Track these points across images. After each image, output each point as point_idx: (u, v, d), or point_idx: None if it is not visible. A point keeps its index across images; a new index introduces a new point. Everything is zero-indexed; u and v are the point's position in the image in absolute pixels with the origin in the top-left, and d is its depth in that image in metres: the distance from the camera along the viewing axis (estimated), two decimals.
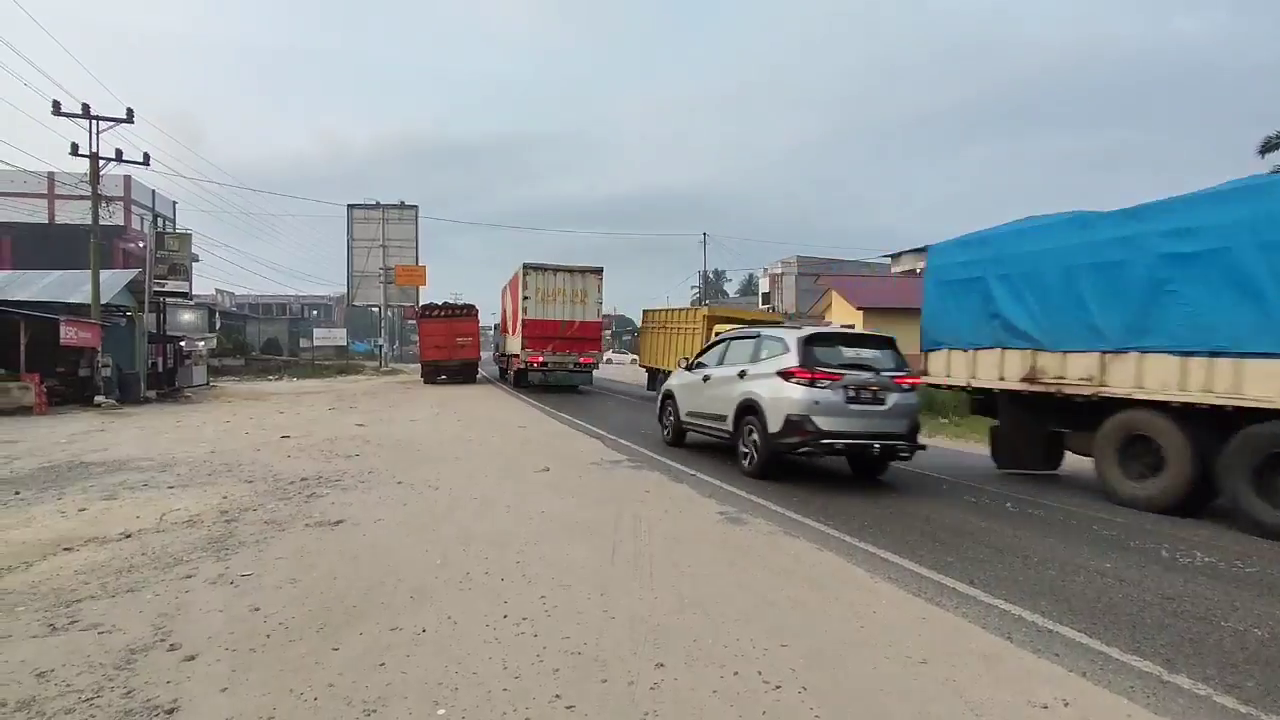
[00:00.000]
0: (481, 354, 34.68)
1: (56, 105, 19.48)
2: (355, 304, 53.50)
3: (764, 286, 49.63)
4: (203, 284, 44.53)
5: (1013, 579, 4.95)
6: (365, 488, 7.71)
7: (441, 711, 2.94)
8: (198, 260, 31.97)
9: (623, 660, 3.43)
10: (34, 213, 34.96)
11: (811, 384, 7.91)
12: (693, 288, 73.38)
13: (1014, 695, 3.19)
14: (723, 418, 9.42)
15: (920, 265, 35.44)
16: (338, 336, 62.16)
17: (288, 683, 3.17)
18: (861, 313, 27.73)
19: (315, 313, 79.28)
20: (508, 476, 8.48)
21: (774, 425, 8.16)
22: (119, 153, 20.71)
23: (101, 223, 21.08)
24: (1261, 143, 25.30)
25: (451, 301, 34.16)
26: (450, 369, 29.07)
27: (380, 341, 51.76)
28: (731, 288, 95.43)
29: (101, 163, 20.35)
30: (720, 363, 10.03)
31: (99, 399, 18.41)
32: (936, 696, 3.17)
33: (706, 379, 10.11)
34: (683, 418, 10.94)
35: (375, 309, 52.29)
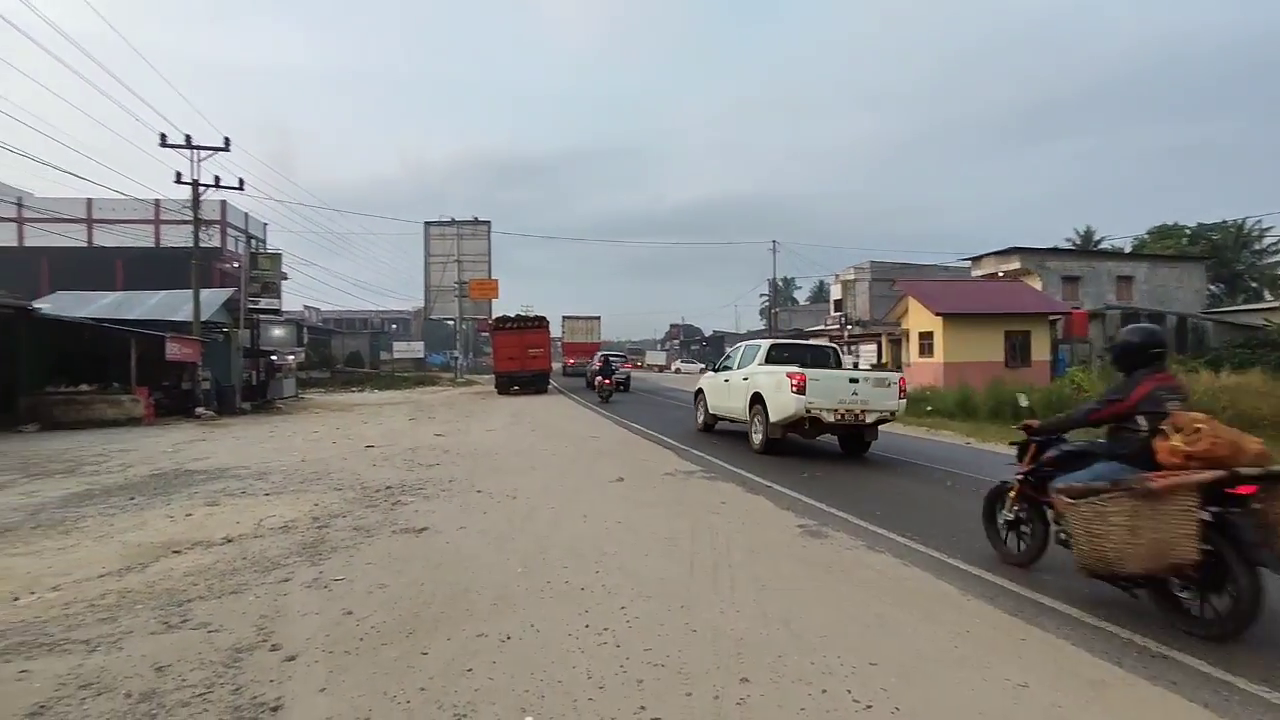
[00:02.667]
0: (553, 365, 35.28)
1: (163, 138, 21.01)
2: (432, 318, 55.37)
3: (835, 294, 48.53)
4: (291, 300, 47.06)
5: (1120, 600, 4.64)
6: (446, 496, 7.91)
7: (529, 718, 2.97)
8: (287, 279, 33.73)
9: (707, 674, 3.39)
10: (142, 237, 37.75)
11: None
12: (761, 296, 72.61)
13: None
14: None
15: (1003, 268, 34.03)
16: (416, 349, 64.44)
17: (381, 685, 3.27)
18: (941, 319, 26.60)
19: (394, 326, 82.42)
20: (583, 486, 8.55)
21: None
22: (217, 179, 22.15)
23: (201, 245, 22.55)
24: None
25: (523, 314, 34.91)
26: (523, 380, 29.65)
27: (455, 354, 53.29)
28: (801, 295, 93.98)
29: (201, 189, 21.79)
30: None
31: (199, 410, 19.62)
32: None
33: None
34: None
35: (450, 322, 53.92)
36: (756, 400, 11.66)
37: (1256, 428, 12.48)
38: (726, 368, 13.70)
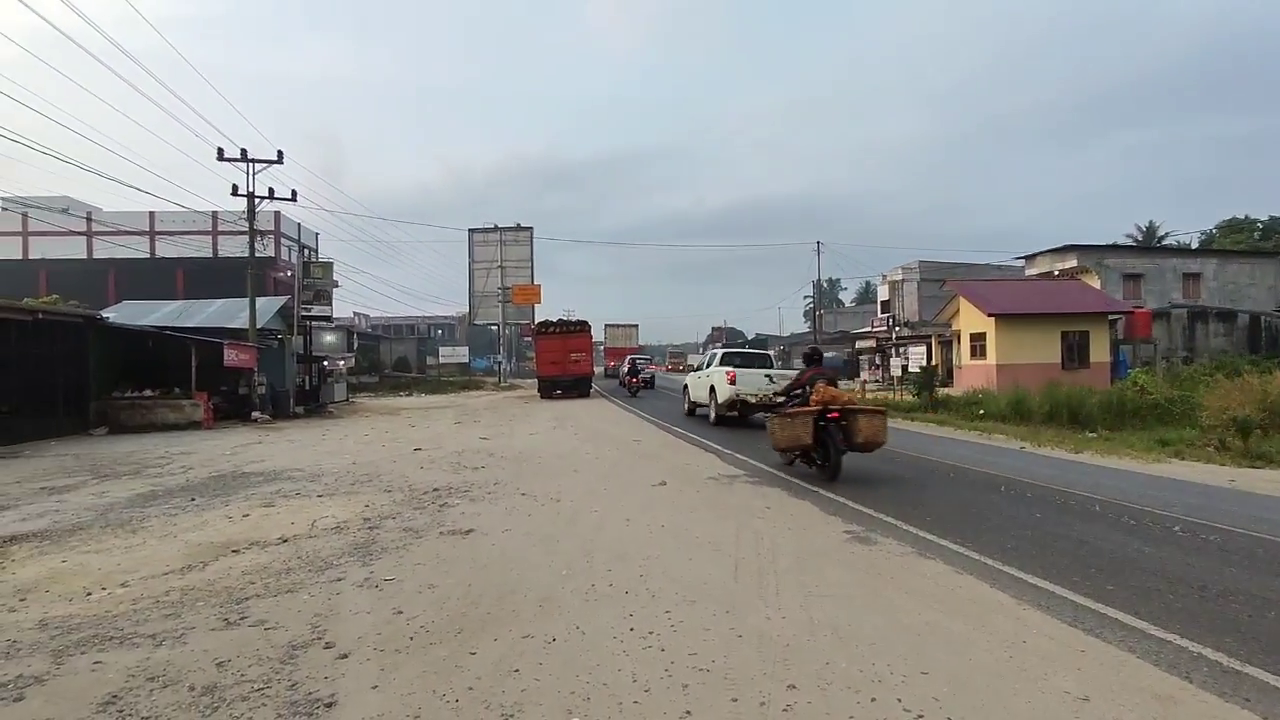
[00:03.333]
0: (594, 369, 35.48)
1: (220, 152, 21.83)
2: (476, 323, 56.18)
3: (882, 294, 47.63)
4: (341, 307, 48.35)
5: (1188, 611, 4.44)
6: (492, 499, 8.02)
7: None
8: (338, 286, 34.67)
9: (752, 680, 3.35)
10: (201, 248, 39.27)
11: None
12: (805, 297, 71.83)
13: None
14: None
15: (1059, 267, 32.91)
16: (460, 354, 65.53)
17: (431, 684, 3.32)
18: (994, 319, 25.78)
19: (440, 332, 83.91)
20: (626, 490, 8.57)
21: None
22: (271, 191, 22.92)
23: (256, 255, 23.33)
24: None
25: (565, 318, 35.17)
26: (565, 384, 29.88)
27: (499, 358, 54.01)
28: (847, 296, 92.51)
29: (256, 201, 22.56)
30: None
31: (255, 414, 20.28)
32: None
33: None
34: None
35: (494, 327, 54.66)
36: (712, 390, 17.06)
37: None
38: (702, 368, 19.05)
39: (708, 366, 18.30)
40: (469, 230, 49.89)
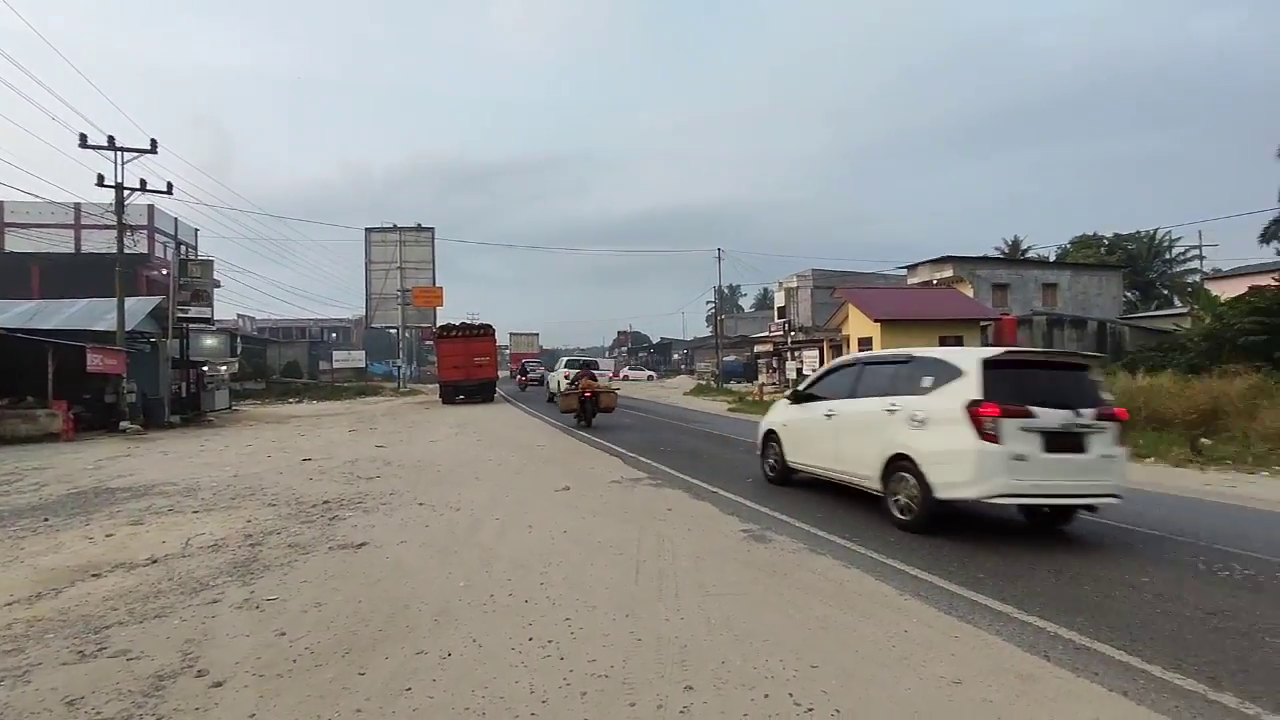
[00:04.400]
0: (499, 373, 34.89)
1: (83, 138, 19.97)
2: (373, 326, 54.10)
3: (779, 300, 49.35)
4: (224, 309, 45.19)
5: (1046, 594, 4.84)
6: (387, 510, 7.72)
7: None
8: (219, 286, 32.44)
9: (650, 683, 3.38)
10: (60, 243, 35.74)
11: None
12: (708, 303, 73.44)
13: (1053, 716, 3.10)
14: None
15: (938, 276, 35.18)
16: (356, 358, 62.78)
17: (315, 709, 3.16)
18: (879, 325, 27.48)
19: (334, 335, 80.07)
20: (528, 496, 8.46)
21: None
22: (143, 182, 21.15)
23: (126, 251, 21.49)
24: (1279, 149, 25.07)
25: (469, 322, 34.40)
26: (468, 389, 29.20)
27: (398, 363, 52.15)
28: (746, 302, 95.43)
29: (126, 192, 20.79)
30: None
31: (124, 425, 18.66)
32: (974, 719, 3.09)
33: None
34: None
35: (393, 331, 52.78)
36: (557, 385, 24.26)
37: (1168, 426, 13.22)
38: (556, 370, 28.74)
39: (560, 369, 29.05)
40: (365, 230, 48.02)
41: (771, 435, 9.30)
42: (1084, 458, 6.16)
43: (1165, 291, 48.91)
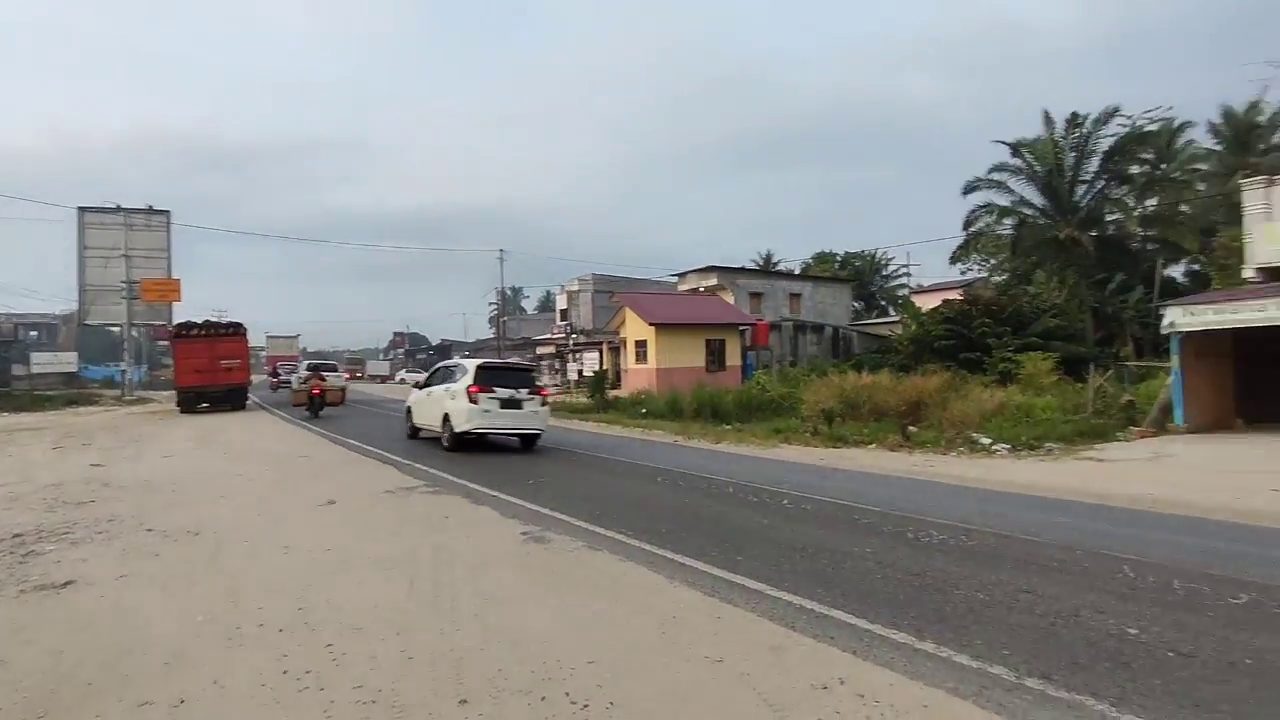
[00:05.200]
0: (252, 378, 31.39)
1: None
2: (89, 323, 45.52)
3: (561, 303, 50.07)
4: None
5: (794, 570, 5.43)
6: (104, 539, 6.55)
7: None
8: None
9: (423, 703, 3.24)
10: None
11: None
12: (491, 304, 72.27)
13: (799, 680, 3.49)
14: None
15: (704, 284, 38.01)
16: (65, 361, 52.49)
17: None
18: (654, 328, 29.06)
19: (34, 334, 66.21)
20: (287, 514, 7.69)
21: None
22: None
23: None
24: (964, 186, 30.78)
25: (214, 320, 30.40)
26: (214, 395, 25.75)
27: (123, 366, 44.42)
28: (530, 304, 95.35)
29: None
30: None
31: None
32: (733, 693, 3.37)
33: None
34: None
35: (116, 329, 44.92)
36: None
37: (886, 416, 15.52)
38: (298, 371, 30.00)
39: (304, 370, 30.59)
40: (79, 209, 40.26)
41: (409, 411, 15.36)
42: (521, 412, 12.77)
43: (883, 303, 57.30)
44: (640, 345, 30.39)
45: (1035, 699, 3.28)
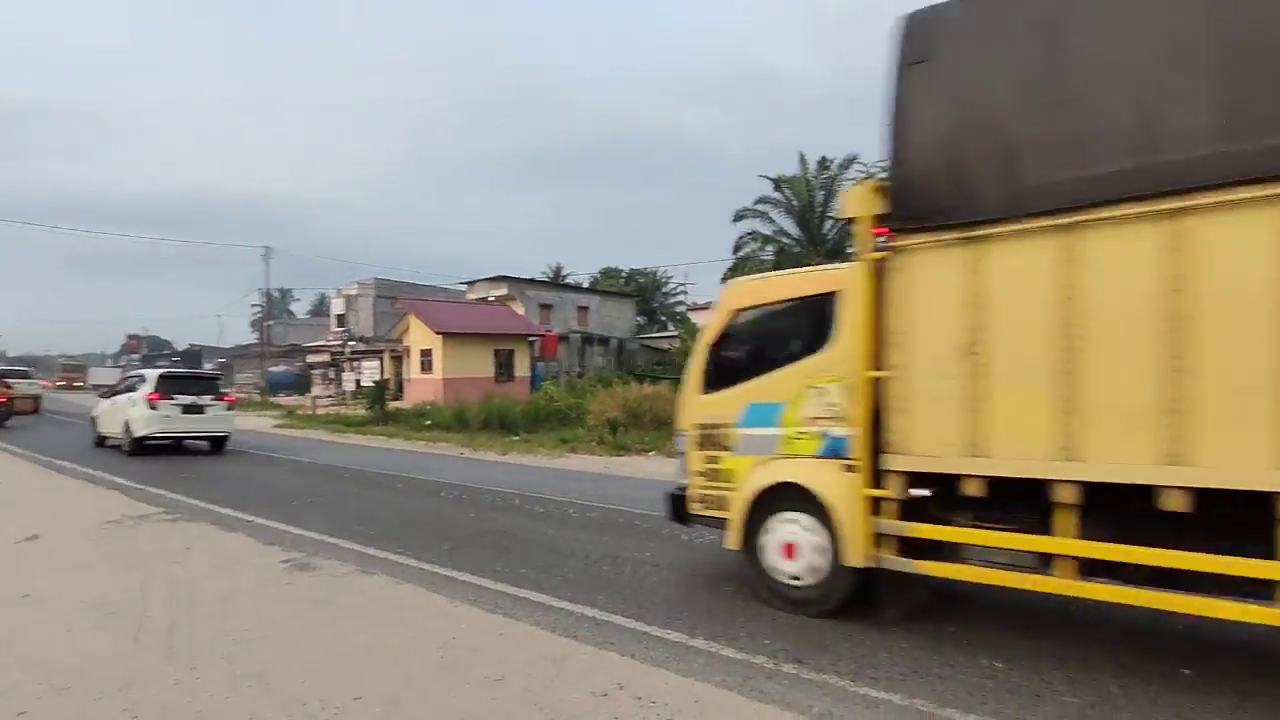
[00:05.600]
0: None
1: None
2: None
3: (338, 308, 46.29)
4: None
5: (576, 579, 5.50)
6: None
7: None
8: None
9: None
10: None
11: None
12: (254, 306, 64.84)
13: (580, 690, 3.54)
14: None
15: (494, 293, 37.44)
16: None
17: None
18: (441, 337, 27.98)
19: None
20: None
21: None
22: None
23: None
24: (734, 214, 33.73)
25: None
26: None
27: None
28: (301, 308, 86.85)
29: None
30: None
31: None
32: (514, 712, 3.33)
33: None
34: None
35: None
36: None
37: (665, 425, 16.41)
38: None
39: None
40: None
41: (94, 420, 15.65)
42: (204, 416, 14.05)
43: (664, 318, 60.59)
44: (425, 354, 29.07)
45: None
